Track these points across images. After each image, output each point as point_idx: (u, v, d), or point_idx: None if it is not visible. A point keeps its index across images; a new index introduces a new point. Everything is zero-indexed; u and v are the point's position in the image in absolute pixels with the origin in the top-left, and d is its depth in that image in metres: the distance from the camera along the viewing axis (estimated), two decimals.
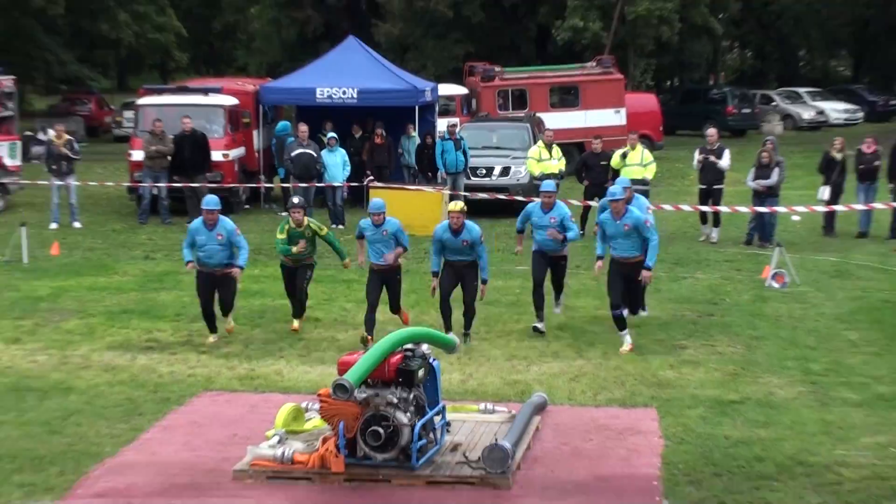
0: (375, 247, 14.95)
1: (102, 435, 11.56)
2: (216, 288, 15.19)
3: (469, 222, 14.86)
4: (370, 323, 14.84)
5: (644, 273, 14.74)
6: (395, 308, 15.42)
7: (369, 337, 13.59)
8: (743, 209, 23.02)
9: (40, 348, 14.97)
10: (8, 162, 29.89)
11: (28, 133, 39.47)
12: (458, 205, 14.89)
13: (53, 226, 25.23)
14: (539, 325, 15.73)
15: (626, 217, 14.85)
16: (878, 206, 23.39)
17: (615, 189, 15.34)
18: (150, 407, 12.45)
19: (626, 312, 15.26)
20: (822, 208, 23.74)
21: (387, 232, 14.91)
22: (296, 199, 15.73)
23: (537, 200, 16.01)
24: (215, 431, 11.47)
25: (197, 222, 15.16)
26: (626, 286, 15.06)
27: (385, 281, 15.04)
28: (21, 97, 44.52)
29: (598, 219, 15.51)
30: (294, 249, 15.51)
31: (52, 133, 27.52)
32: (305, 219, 15.68)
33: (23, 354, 14.68)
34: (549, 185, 16.41)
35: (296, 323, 15.93)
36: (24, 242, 21.18)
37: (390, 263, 14.98)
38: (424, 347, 10.90)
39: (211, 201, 15.23)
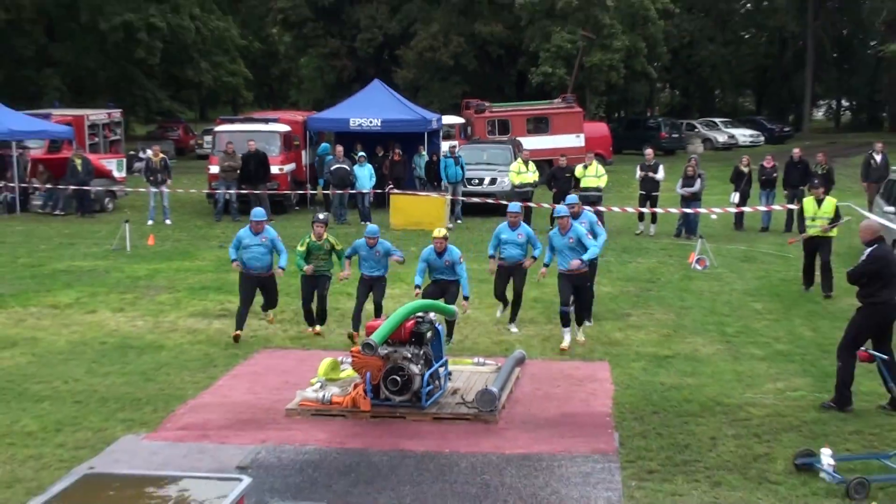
0: (368, 262, 13.60)
1: (185, 382, 11.48)
2: (261, 288, 13.63)
3: (450, 245, 13.32)
4: (356, 321, 13.36)
5: (574, 262, 12.94)
6: (378, 311, 13.31)
7: (355, 333, 13.16)
8: (673, 210, 23.13)
9: (139, 316, 14.86)
10: (116, 174, 29.96)
11: (131, 152, 39.41)
12: (441, 231, 13.38)
13: (150, 222, 25.16)
14: (511, 327, 14.04)
15: (571, 231, 13.16)
16: (776, 207, 23.65)
17: (561, 207, 13.77)
18: (223, 361, 12.34)
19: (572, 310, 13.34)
20: (733, 210, 24.01)
21: (379, 252, 13.46)
22: (321, 216, 13.84)
23: (505, 222, 14.12)
24: (272, 379, 11.35)
25: (244, 230, 13.65)
26: (575, 295, 13.22)
27: (372, 286, 13.55)
28: (126, 126, 44.49)
29: (549, 234, 13.59)
30: (305, 269, 13.46)
31: (150, 152, 27.45)
32: (325, 233, 13.67)
33: (125, 320, 14.56)
34: (514, 206, 14.37)
35: (317, 328, 13.86)
36: (128, 235, 21.10)
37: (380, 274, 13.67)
38: (431, 315, 10.84)
39: (258, 213, 13.73)
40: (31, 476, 8.48)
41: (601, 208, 23.89)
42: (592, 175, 23.73)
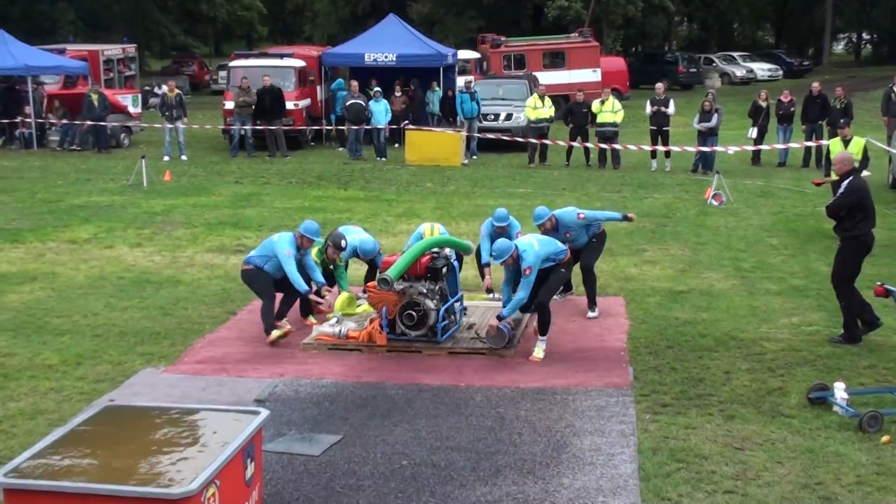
0: None
1: (203, 317, 11.54)
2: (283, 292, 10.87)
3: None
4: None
5: (491, 322, 10.07)
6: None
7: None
8: (690, 149, 23.03)
9: (156, 251, 14.92)
10: (132, 110, 29.92)
11: (146, 88, 39.31)
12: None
13: (166, 158, 25.20)
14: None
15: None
16: (793, 145, 23.52)
17: (501, 212, 11.71)
18: (239, 296, 12.37)
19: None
20: (750, 147, 23.87)
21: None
22: (342, 243, 11.04)
23: (489, 220, 11.91)
24: (289, 314, 11.38)
25: (292, 244, 10.58)
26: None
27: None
28: (141, 61, 44.27)
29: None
30: (312, 298, 10.82)
31: (165, 88, 27.38)
32: (339, 259, 11.22)
33: (143, 255, 14.63)
34: (501, 213, 11.87)
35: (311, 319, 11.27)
36: (144, 171, 21.11)
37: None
38: (447, 251, 10.82)
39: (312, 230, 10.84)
40: (53, 408, 8.59)
41: (617, 146, 23.83)
42: (609, 110, 23.86)
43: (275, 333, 10.45)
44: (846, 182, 10.40)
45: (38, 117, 27.76)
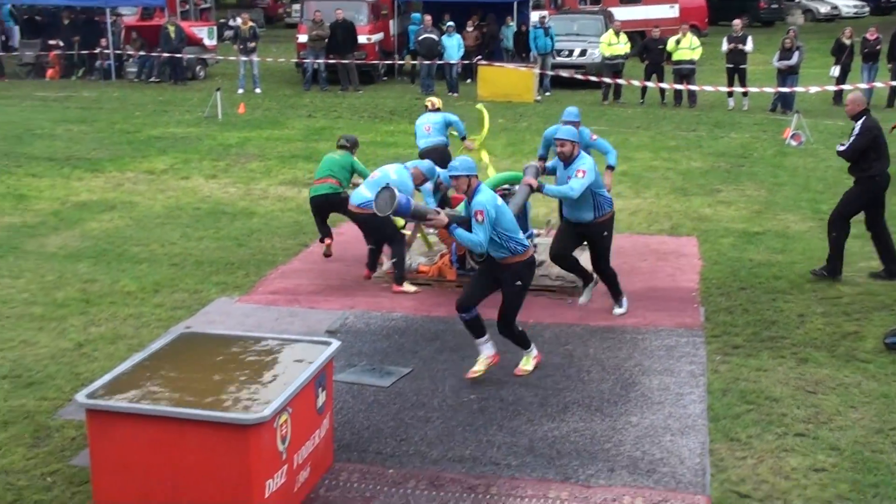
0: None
1: (276, 248, 11.69)
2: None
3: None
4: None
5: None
6: None
7: None
8: (769, 90, 22.53)
9: (231, 182, 15.10)
10: (207, 42, 30.13)
11: (221, 20, 39.47)
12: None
13: (240, 91, 25.39)
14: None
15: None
16: (878, 84, 22.85)
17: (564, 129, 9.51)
18: (312, 228, 12.41)
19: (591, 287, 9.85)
20: (832, 87, 23.26)
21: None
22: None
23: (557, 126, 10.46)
24: (361, 248, 11.44)
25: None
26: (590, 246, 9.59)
27: None
28: None
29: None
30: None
31: (239, 20, 27.50)
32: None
33: (218, 187, 14.82)
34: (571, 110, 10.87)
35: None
36: (219, 103, 21.31)
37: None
38: (517, 187, 10.74)
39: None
40: (132, 333, 8.81)
41: (693, 87, 23.37)
42: (686, 47, 23.41)
43: (408, 287, 10.12)
44: (860, 122, 10.34)
45: (116, 49, 28.10)
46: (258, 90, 25.62)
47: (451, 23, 25.87)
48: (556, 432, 6.97)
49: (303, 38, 26.83)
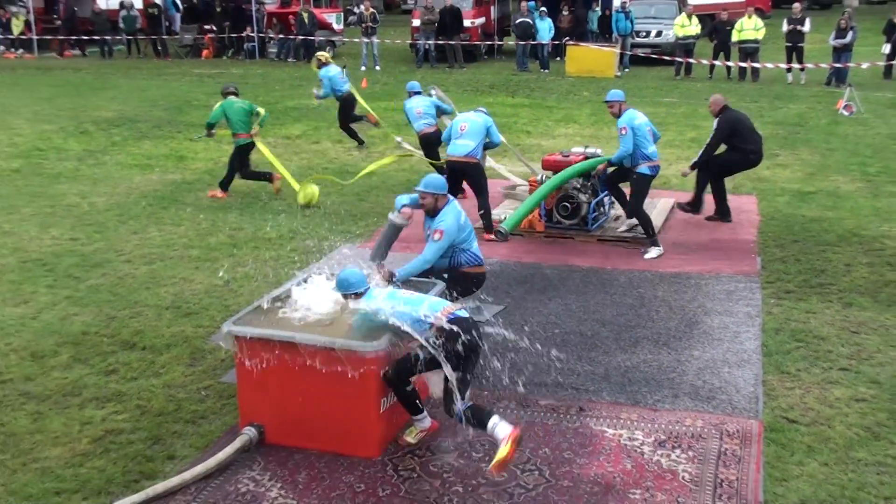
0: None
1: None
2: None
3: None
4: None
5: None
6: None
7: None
8: (824, 65, 21.63)
9: (354, 147, 15.20)
10: (335, 26, 30.27)
11: (347, 7, 39.53)
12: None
13: (363, 68, 25.48)
14: None
15: None
16: None
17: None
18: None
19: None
20: (882, 62, 22.18)
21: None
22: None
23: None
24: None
25: None
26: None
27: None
28: None
29: None
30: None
31: (362, 7, 27.50)
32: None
33: (343, 150, 14.96)
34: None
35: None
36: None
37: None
38: (599, 150, 10.61)
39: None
40: (272, 274, 8.99)
41: (756, 64, 22.57)
42: (751, 28, 22.64)
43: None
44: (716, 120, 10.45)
45: (259, 32, 28.44)
46: (378, 67, 25.67)
47: (543, 8, 25.44)
48: (627, 363, 6.90)
49: (416, 22, 26.75)
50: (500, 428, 5.30)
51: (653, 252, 9.42)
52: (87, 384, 6.57)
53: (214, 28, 29.02)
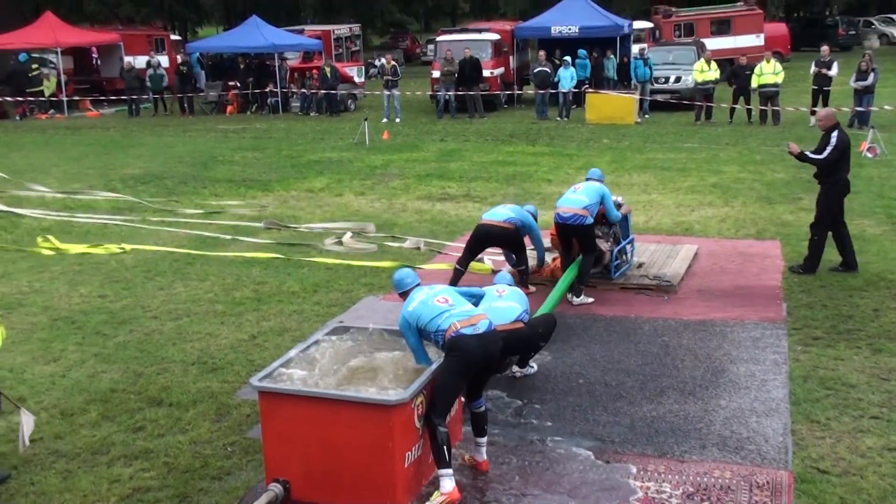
0: None
1: (414, 253, 11.78)
2: None
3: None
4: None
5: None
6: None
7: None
8: (846, 109, 21.58)
9: (376, 198, 15.33)
10: (357, 80, 30.67)
11: (368, 61, 40.15)
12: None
13: (384, 120, 25.70)
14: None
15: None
16: None
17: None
18: (444, 236, 12.60)
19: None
20: None
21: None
22: None
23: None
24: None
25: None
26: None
27: None
28: (364, 37, 45.14)
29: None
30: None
31: (383, 60, 27.93)
32: None
33: (366, 202, 15.07)
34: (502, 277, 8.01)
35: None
36: (367, 131, 21.66)
37: None
38: (620, 199, 10.62)
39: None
40: (296, 327, 9.04)
41: (777, 108, 22.60)
42: (770, 72, 22.65)
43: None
44: (835, 135, 10.27)
45: (282, 87, 28.90)
46: (399, 119, 25.93)
47: (566, 57, 25.67)
48: (653, 413, 6.86)
49: (436, 73, 27.07)
50: (447, 482, 5.65)
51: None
52: (114, 442, 6.62)
53: (238, 84, 29.52)
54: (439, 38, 29.52)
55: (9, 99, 28.64)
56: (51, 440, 6.58)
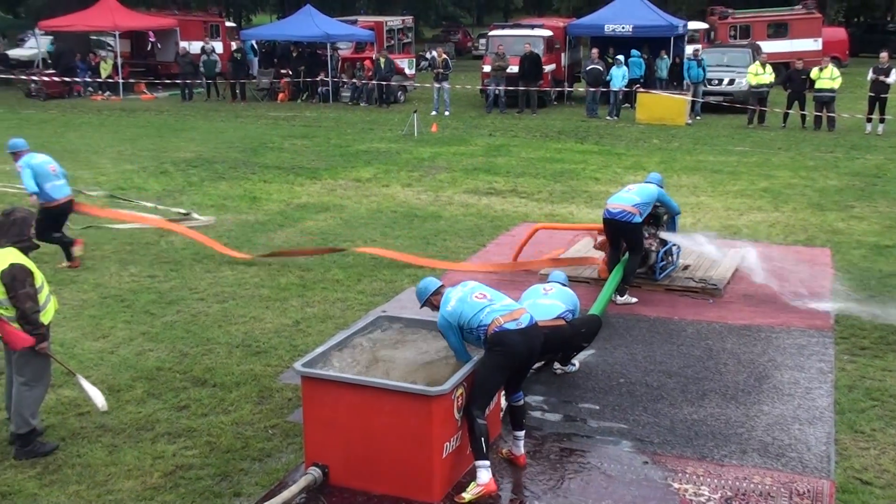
0: None
1: (458, 247, 11.82)
2: None
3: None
4: None
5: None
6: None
7: None
8: None
9: (423, 191, 15.38)
10: (408, 72, 30.73)
11: (420, 53, 40.21)
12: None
13: (433, 113, 25.78)
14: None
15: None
16: None
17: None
18: (489, 231, 12.62)
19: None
20: None
21: None
22: None
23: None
24: (529, 248, 11.45)
25: None
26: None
27: None
28: (416, 30, 45.21)
29: None
30: None
31: (434, 53, 27.95)
32: None
33: (413, 194, 15.13)
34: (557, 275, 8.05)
35: None
36: (416, 123, 21.73)
37: None
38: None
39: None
40: (339, 314, 9.12)
41: (832, 114, 22.23)
42: (827, 77, 22.23)
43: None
44: None
45: (333, 77, 29.08)
46: (448, 112, 25.97)
47: (620, 56, 25.49)
48: (694, 416, 6.81)
49: (487, 68, 27.04)
50: (484, 473, 5.68)
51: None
52: (159, 419, 6.75)
53: (290, 72, 29.77)
54: (491, 33, 29.45)
55: (66, 80, 29.28)
56: (98, 414, 6.72)
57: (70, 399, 7.01)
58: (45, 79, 29.55)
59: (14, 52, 38.43)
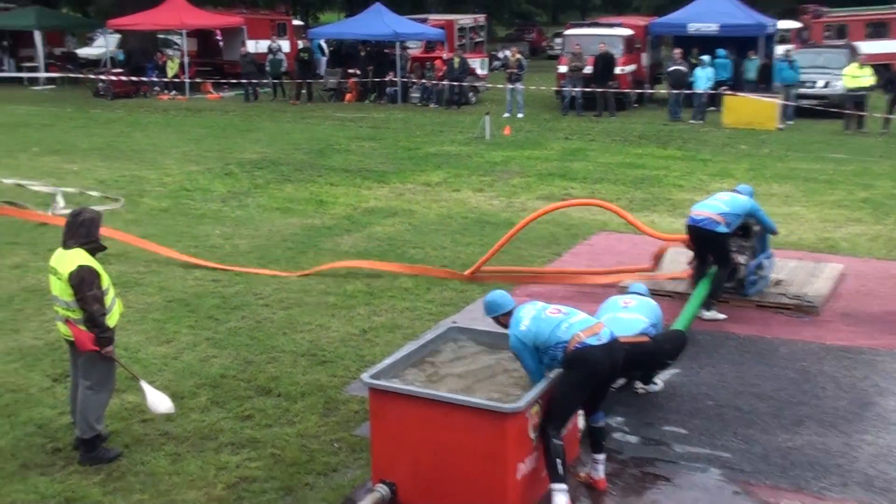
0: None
1: (533, 255, 11.71)
2: None
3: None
4: None
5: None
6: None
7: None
8: None
9: (495, 196, 15.30)
10: (480, 72, 30.79)
11: (493, 53, 40.21)
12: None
13: (506, 115, 25.70)
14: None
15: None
16: None
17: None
18: (565, 239, 12.48)
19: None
20: None
21: None
22: None
23: None
24: (607, 259, 11.26)
25: None
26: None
27: None
28: (489, 28, 45.26)
29: None
30: None
31: (507, 53, 27.91)
32: None
33: (484, 199, 15.05)
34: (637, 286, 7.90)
35: None
36: (488, 125, 21.68)
37: None
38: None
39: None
40: (408, 324, 9.08)
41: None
42: None
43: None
44: None
45: (402, 77, 29.22)
46: (521, 115, 25.87)
47: (705, 56, 25.08)
48: (789, 444, 6.58)
49: (563, 68, 26.88)
50: (560, 497, 5.57)
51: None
52: (223, 428, 6.78)
53: (358, 72, 30.01)
54: (567, 32, 29.33)
55: (134, 79, 30.01)
56: (161, 422, 6.79)
57: (134, 404, 7.09)
58: (113, 78, 30.34)
59: (83, 51, 39.62)
